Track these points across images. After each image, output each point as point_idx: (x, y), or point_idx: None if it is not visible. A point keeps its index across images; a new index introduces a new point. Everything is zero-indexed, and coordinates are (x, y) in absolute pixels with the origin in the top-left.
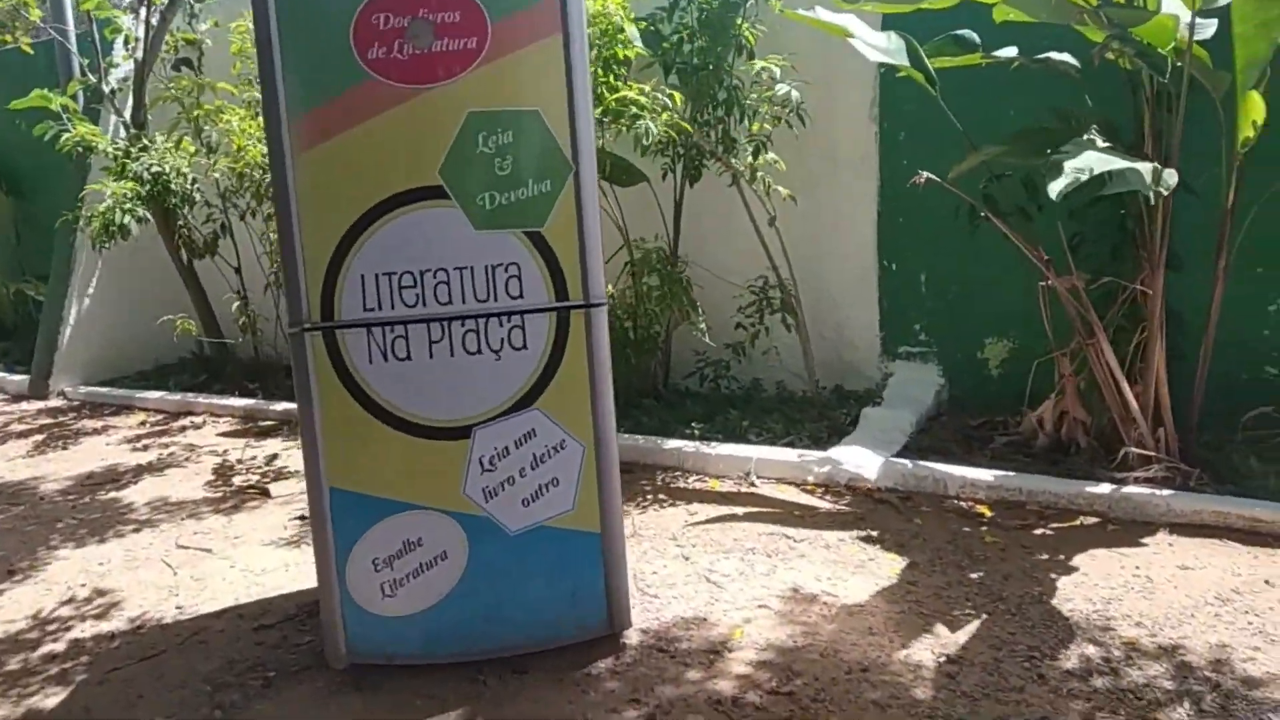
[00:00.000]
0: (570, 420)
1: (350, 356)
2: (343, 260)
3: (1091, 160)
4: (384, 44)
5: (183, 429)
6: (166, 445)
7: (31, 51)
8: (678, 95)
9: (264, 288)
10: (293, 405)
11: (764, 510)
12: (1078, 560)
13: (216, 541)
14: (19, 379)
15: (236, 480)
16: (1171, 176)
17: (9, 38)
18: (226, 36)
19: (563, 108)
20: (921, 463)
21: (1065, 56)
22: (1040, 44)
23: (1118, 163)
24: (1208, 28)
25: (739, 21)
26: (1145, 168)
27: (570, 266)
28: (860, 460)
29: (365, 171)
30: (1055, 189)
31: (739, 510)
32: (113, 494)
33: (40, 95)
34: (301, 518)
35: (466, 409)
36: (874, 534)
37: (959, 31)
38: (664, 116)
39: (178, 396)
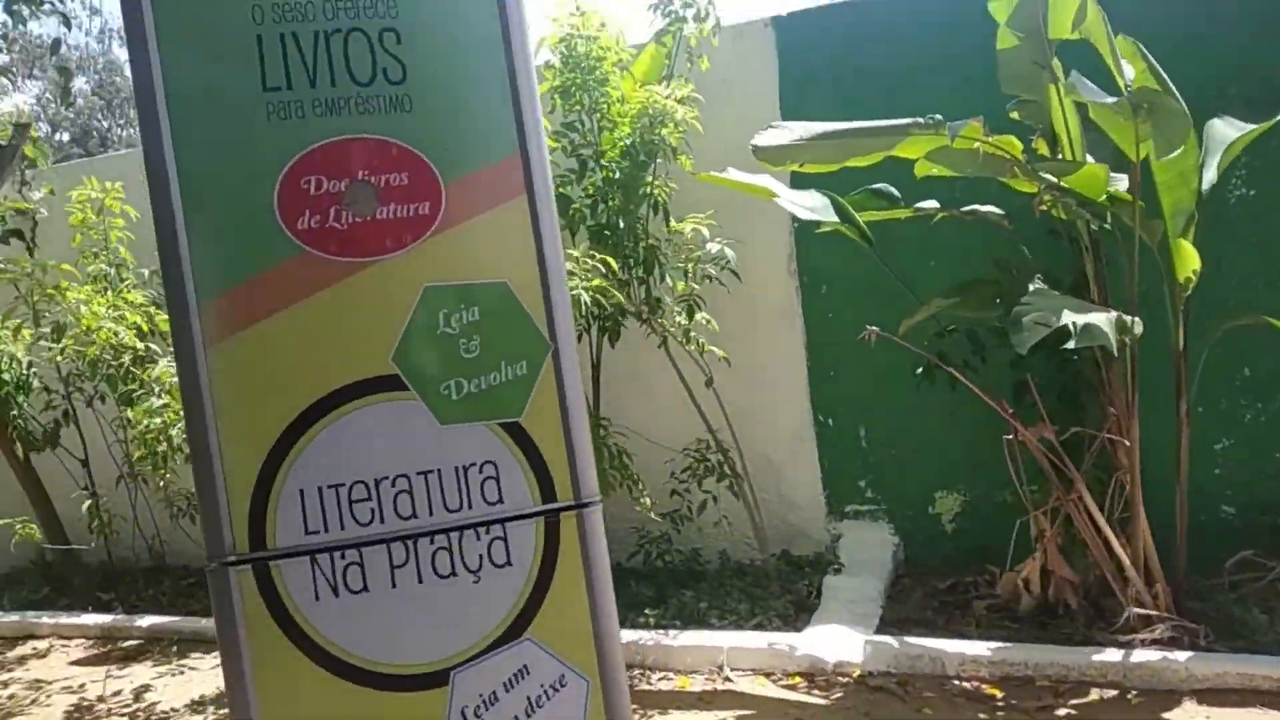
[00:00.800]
0: (569, 649)
1: (290, 594)
2: (275, 473)
3: (1054, 313)
4: (317, 212)
5: (23, 660)
6: (5, 684)
7: None
8: (612, 261)
9: (115, 480)
10: (161, 619)
11: (751, 713)
12: None
13: None
14: None
15: None
16: (1137, 325)
17: None
18: (63, 206)
19: (534, 277)
20: (910, 640)
21: (990, 208)
22: (954, 196)
23: (1080, 315)
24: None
25: (649, 180)
26: (1107, 318)
27: (556, 460)
28: (842, 642)
29: (301, 362)
30: (1023, 343)
31: (725, 715)
32: None
33: None
34: None
35: (442, 648)
36: None
37: (877, 186)
38: (595, 283)
39: (15, 617)
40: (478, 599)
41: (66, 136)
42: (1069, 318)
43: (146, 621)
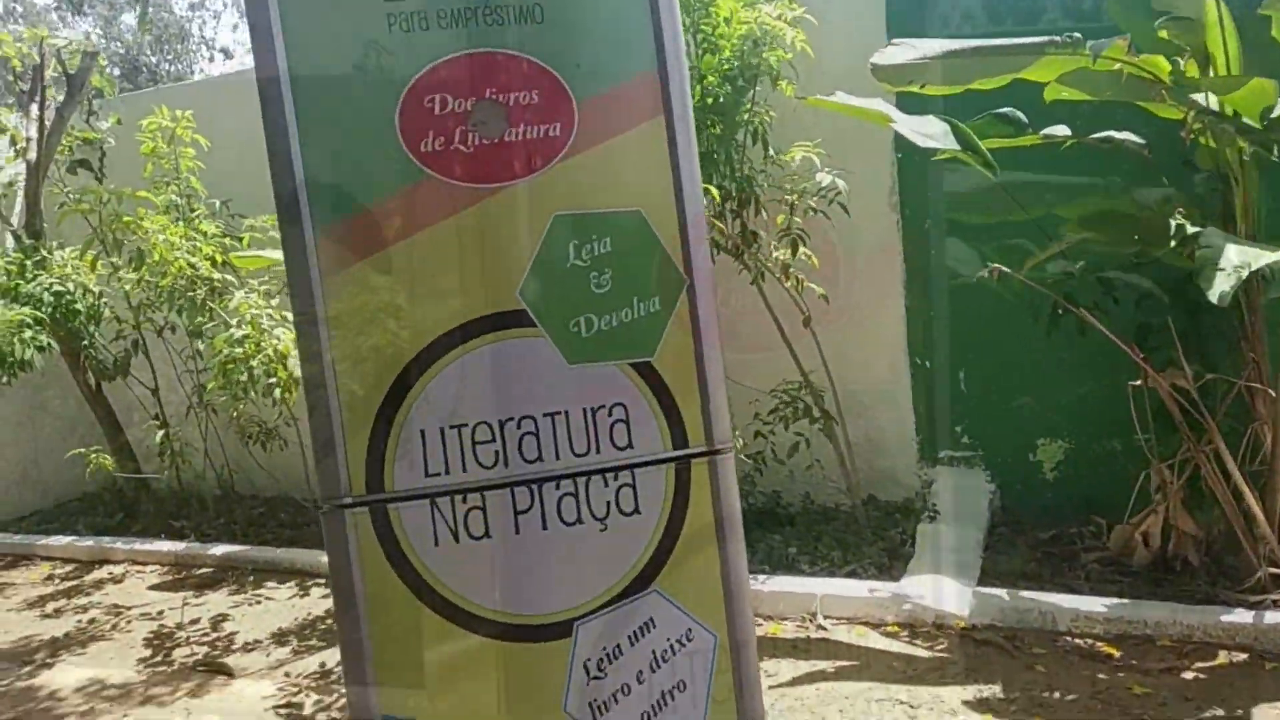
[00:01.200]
0: (697, 603)
1: (409, 539)
2: (396, 412)
3: (1248, 255)
4: (441, 133)
5: (100, 584)
6: (84, 608)
7: None
8: (715, 191)
9: (185, 410)
10: (234, 547)
11: (852, 664)
12: (1265, 717)
13: None
14: None
15: (179, 653)
16: None
17: None
18: (132, 135)
19: (670, 206)
20: (1020, 594)
21: (1128, 135)
22: (1076, 124)
23: (1269, 255)
24: None
25: (748, 106)
26: None
27: (688, 403)
28: (944, 593)
29: (423, 296)
30: (1219, 291)
31: (824, 666)
32: (24, 683)
33: None
34: (285, 706)
35: (566, 598)
36: (999, 691)
37: (1002, 110)
38: None
39: (90, 542)
40: (604, 548)
41: (117, 71)
42: (1259, 260)
43: (220, 550)
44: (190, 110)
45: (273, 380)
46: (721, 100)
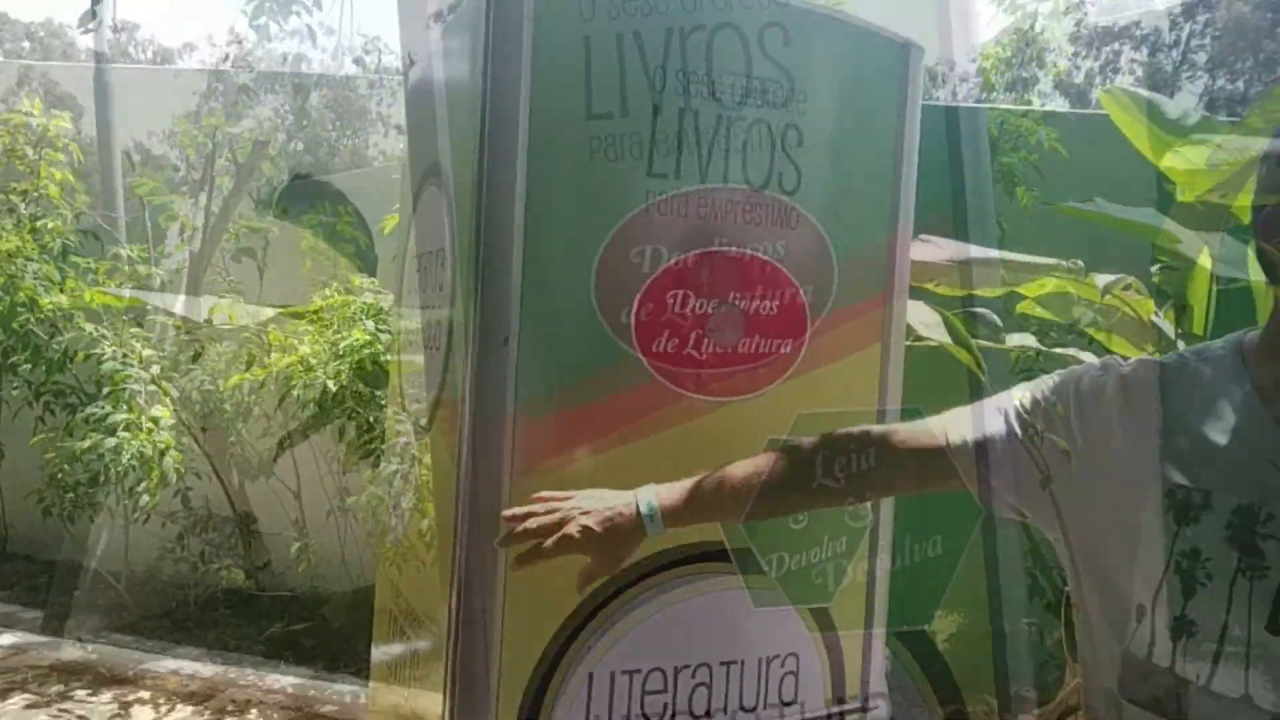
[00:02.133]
0: None
1: None
2: (567, 649)
3: None
4: (677, 334)
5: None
6: None
7: (74, 241)
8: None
9: (326, 514)
10: (361, 686)
11: None
12: None
13: None
14: (35, 615)
15: None
16: None
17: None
18: (294, 228)
19: None
20: None
21: None
22: None
23: None
24: None
25: None
26: None
27: (851, 653)
28: None
29: None
30: None
31: None
32: None
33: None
34: None
35: None
36: None
37: None
38: None
39: (214, 669)
40: None
41: (301, 145)
42: None
43: (344, 687)
44: (355, 205)
45: (427, 520)
46: None
